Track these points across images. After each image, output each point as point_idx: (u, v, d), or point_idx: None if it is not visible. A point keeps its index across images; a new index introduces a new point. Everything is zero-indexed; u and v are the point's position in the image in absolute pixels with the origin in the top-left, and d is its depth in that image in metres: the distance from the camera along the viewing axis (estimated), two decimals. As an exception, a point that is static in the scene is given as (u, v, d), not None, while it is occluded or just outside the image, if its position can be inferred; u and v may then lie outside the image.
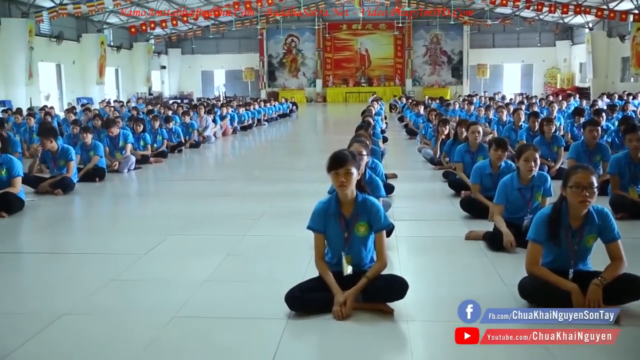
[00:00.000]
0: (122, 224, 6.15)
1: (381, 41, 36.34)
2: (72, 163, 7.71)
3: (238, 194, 7.47)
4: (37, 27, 23.16)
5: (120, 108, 19.23)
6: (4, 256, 5.01)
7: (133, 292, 3.93)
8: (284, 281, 3.74)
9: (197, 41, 37.14)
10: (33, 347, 3.07)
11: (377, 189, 4.86)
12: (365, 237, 3.59)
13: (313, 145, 14.73)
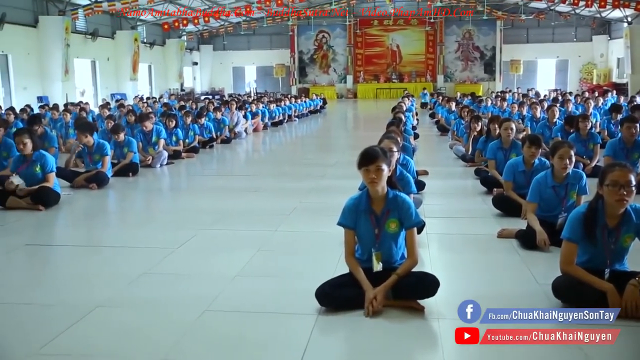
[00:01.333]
0: (154, 218, 6.23)
1: (413, 37, 36.08)
2: (107, 158, 7.84)
3: (269, 189, 7.51)
4: (73, 24, 23.60)
5: (153, 104, 19.48)
6: (41, 248, 5.13)
7: (165, 285, 3.98)
8: (314, 277, 3.74)
9: (229, 37, 37.42)
10: (69, 337, 3.14)
11: (408, 185, 4.84)
12: (396, 234, 3.57)
13: (343, 142, 14.71)
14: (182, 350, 2.99)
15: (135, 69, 28.69)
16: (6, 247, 5.05)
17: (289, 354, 2.95)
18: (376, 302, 3.34)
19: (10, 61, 21.33)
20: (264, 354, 2.97)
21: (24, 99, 20.55)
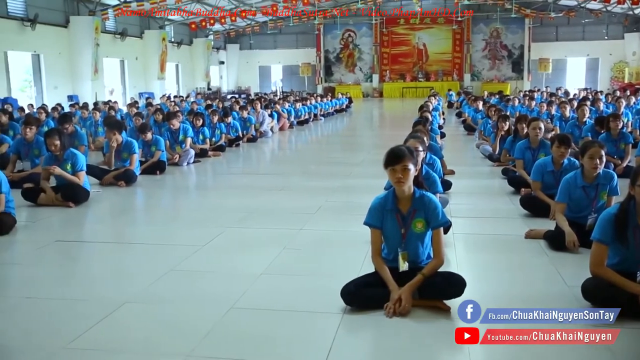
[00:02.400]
0: (181, 216, 6.29)
1: (439, 35, 35.83)
2: (135, 156, 7.94)
3: (294, 188, 7.52)
4: (102, 24, 23.96)
5: (180, 103, 19.67)
6: (71, 244, 5.22)
7: (192, 282, 4.02)
8: (340, 276, 3.75)
9: (255, 37, 37.58)
10: (97, 332, 3.19)
11: (434, 185, 4.81)
12: (422, 234, 3.55)
13: (369, 141, 14.68)
14: (208, 346, 3.01)
15: (163, 68, 29.01)
16: (37, 243, 5.15)
17: (314, 352, 2.95)
18: (399, 303, 3.32)
19: (42, 61, 21.75)
20: (289, 352, 2.98)
21: (55, 97, 20.94)
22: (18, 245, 5.16)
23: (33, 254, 4.87)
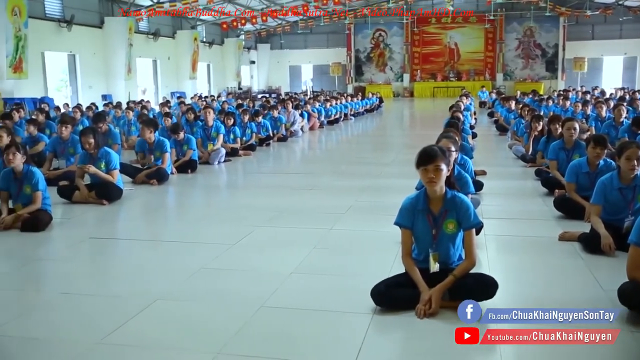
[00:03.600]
0: (212, 215, 6.33)
1: (471, 34, 35.47)
2: (167, 155, 8.04)
3: (324, 187, 7.53)
4: (136, 25, 24.32)
5: (211, 102, 19.84)
6: (104, 241, 5.31)
7: (222, 280, 4.05)
8: (370, 276, 3.74)
9: (286, 36, 37.72)
10: (130, 329, 3.23)
11: (466, 185, 4.76)
12: (453, 235, 3.51)
13: (399, 140, 14.60)
14: (239, 344, 3.03)
15: (195, 68, 29.32)
16: (72, 240, 5.25)
17: (344, 352, 2.95)
18: (430, 304, 3.30)
19: (77, 61, 22.18)
20: (319, 351, 2.98)
21: (89, 97, 21.33)
22: (53, 241, 5.27)
23: (68, 250, 4.97)
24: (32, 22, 18.32)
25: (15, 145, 5.65)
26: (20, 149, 5.63)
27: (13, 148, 5.57)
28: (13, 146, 5.60)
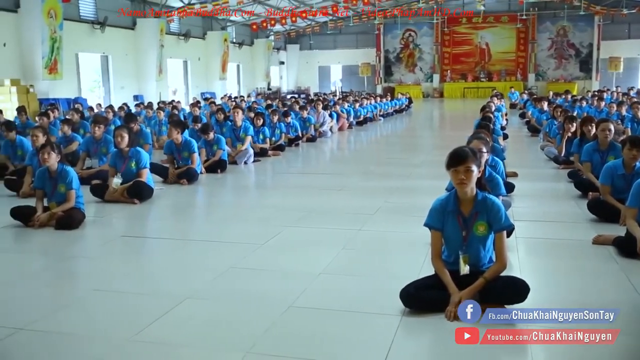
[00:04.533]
0: (241, 214, 6.36)
1: (503, 34, 35.06)
2: (195, 155, 8.11)
3: (353, 188, 7.51)
4: (167, 26, 24.63)
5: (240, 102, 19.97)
6: (135, 240, 5.39)
7: (251, 280, 4.06)
8: (399, 277, 3.72)
9: (315, 37, 37.78)
10: (160, 326, 3.27)
11: (497, 187, 4.71)
12: (484, 237, 3.47)
13: (429, 141, 14.50)
14: (268, 343, 3.04)
15: (225, 69, 29.55)
16: (104, 238, 5.34)
17: (372, 353, 2.93)
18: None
19: (110, 62, 22.55)
20: (347, 352, 2.97)
21: (121, 97, 21.67)
22: (86, 239, 5.37)
23: (100, 248, 5.05)
24: (67, 24, 18.69)
25: (51, 144, 5.76)
26: (55, 148, 5.74)
27: (48, 147, 5.68)
28: (48, 146, 5.72)
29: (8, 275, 4.27)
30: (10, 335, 3.16)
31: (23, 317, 3.41)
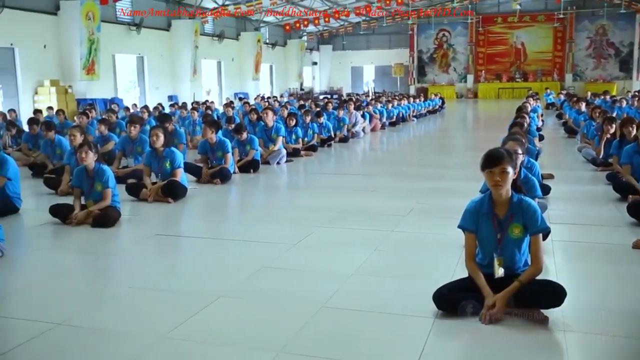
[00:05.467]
0: (274, 214, 6.39)
1: (539, 34, 34.51)
2: (229, 155, 8.18)
3: (386, 189, 7.47)
4: (202, 27, 24.89)
5: (273, 103, 20.07)
6: (169, 238, 5.46)
7: (284, 279, 4.08)
8: (432, 279, 3.69)
9: (348, 37, 37.75)
10: (194, 324, 3.30)
11: (533, 189, 4.63)
12: (519, 239, 3.42)
13: (462, 142, 14.35)
14: (300, 344, 3.04)
15: (258, 69, 29.74)
16: (139, 236, 5.42)
17: (404, 356, 2.91)
18: (494, 310, 3.22)
19: (145, 63, 22.90)
20: (380, 353, 2.95)
21: (156, 97, 22.00)
22: (122, 237, 5.46)
23: (135, 246, 5.13)
24: (104, 26, 19.05)
25: (88, 144, 5.88)
26: (92, 147, 5.85)
27: (86, 147, 5.80)
28: (86, 145, 5.83)
29: (47, 272, 4.37)
30: (48, 330, 3.23)
31: (61, 312, 3.48)
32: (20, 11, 16.84)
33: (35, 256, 4.88)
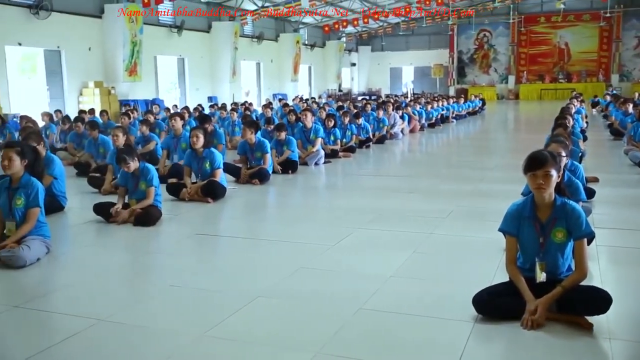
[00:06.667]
0: (312, 215, 6.40)
1: (584, 33, 33.73)
2: (267, 155, 8.23)
3: (424, 191, 7.41)
4: (241, 29, 25.14)
5: (312, 104, 20.12)
6: (209, 238, 5.53)
7: (321, 280, 4.08)
8: (471, 283, 3.64)
9: (387, 38, 37.60)
10: (232, 323, 3.33)
11: (577, 192, 4.52)
12: (562, 244, 3.34)
13: (503, 144, 14.13)
14: (337, 345, 3.03)
15: (296, 70, 29.88)
16: (179, 235, 5.50)
17: (443, 359, 2.88)
18: (536, 316, 3.15)
19: (186, 64, 23.25)
20: (418, 357, 2.92)
21: (196, 98, 22.31)
22: (163, 236, 5.54)
23: (176, 245, 5.20)
24: (146, 28, 19.43)
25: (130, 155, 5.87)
26: (133, 156, 5.88)
27: (126, 161, 5.81)
28: (127, 159, 5.82)
29: (90, 269, 4.47)
30: (92, 326, 3.30)
31: (104, 308, 3.56)
32: (66, 15, 17.31)
33: (79, 253, 5.01)
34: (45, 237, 4.74)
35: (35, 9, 16.32)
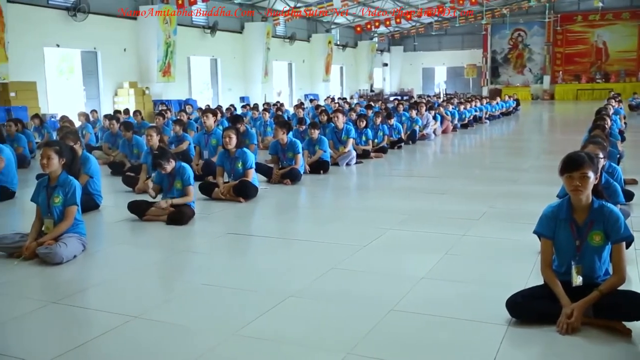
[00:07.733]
0: (343, 215, 6.38)
1: (623, 32, 32.99)
2: (299, 156, 8.25)
3: (457, 192, 7.33)
4: (273, 29, 25.28)
5: (343, 104, 20.11)
6: (240, 237, 5.57)
7: (353, 281, 4.06)
8: (505, 286, 3.59)
9: (419, 38, 37.36)
10: (264, 322, 3.34)
11: (615, 194, 4.42)
12: (600, 247, 3.27)
13: (538, 145, 13.89)
14: (369, 346, 3.02)
15: (328, 71, 29.91)
16: (212, 234, 5.55)
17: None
18: (572, 320, 3.09)
19: (219, 64, 23.48)
20: (450, 359, 2.90)
21: (228, 99, 22.51)
22: (195, 235, 5.60)
23: (208, 244, 5.25)
24: (180, 29, 19.69)
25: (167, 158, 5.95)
26: (169, 158, 5.96)
27: (164, 163, 5.89)
28: (164, 162, 5.90)
29: (125, 266, 4.54)
30: (125, 323, 3.35)
31: (137, 306, 3.61)
32: (103, 16, 17.65)
33: (114, 251, 5.09)
34: (82, 235, 4.84)
35: (73, 11, 16.68)
